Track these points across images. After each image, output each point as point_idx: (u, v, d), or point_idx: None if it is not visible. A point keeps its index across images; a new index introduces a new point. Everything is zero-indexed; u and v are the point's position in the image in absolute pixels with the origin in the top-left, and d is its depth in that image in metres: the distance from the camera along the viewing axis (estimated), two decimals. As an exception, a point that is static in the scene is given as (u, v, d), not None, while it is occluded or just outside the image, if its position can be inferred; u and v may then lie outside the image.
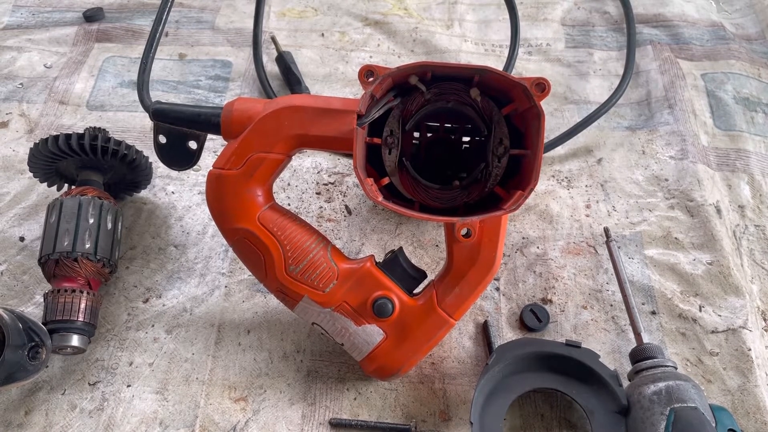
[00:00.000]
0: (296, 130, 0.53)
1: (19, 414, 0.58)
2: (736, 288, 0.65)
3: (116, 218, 0.63)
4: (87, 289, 0.59)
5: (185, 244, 0.69)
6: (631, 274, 0.67)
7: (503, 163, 0.54)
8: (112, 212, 0.63)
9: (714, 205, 0.71)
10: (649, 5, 0.94)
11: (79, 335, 0.58)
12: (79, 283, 0.59)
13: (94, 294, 0.59)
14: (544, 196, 0.74)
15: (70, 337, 0.57)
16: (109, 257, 0.61)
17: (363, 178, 0.49)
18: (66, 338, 0.57)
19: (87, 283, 0.60)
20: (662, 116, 0.80)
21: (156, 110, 0.58)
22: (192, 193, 0.73)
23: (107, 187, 0.67)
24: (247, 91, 0.84)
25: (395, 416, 0.59)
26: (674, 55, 0.87)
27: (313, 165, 0.76)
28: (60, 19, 0.91)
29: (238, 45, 0.88)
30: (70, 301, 0.57)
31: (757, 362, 0.61)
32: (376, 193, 0.50)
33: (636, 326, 0.60)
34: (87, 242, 0.59)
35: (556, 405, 0.59)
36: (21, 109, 0.80)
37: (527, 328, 0.63)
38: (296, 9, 0.94)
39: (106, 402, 0.59)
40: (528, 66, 0.87)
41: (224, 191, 0.54)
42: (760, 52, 0.90)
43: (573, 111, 0.82)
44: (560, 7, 0.95)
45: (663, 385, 0.52)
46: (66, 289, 0.58)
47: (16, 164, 0.75)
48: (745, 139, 0.78)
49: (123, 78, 0.84)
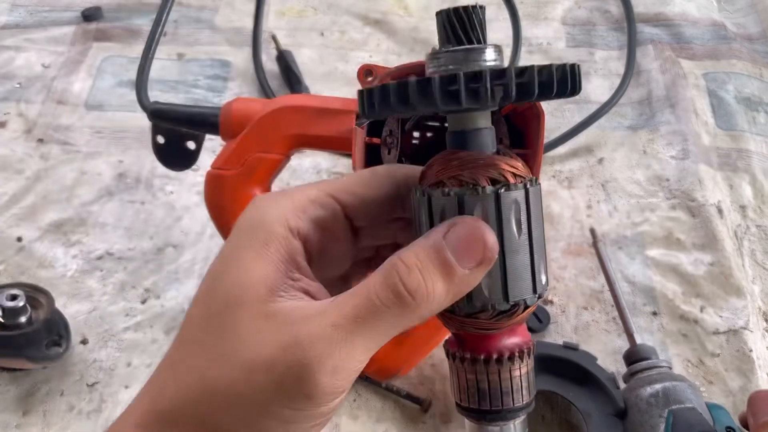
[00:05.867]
0: (295, 129, 0.52)
1: (17, 415, 0.57)
2: (738, 289, 0.65)
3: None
4: None
5: (184, 244, 0.69)
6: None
7: (503, 164, 0.53)
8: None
9: (715, 205, 0.71)
10: (650, 4, 0.94)
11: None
12: None
13: None
14: (545, 196, 0.72)
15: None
16: None
17: (362, 178, 0.49)
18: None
19: None
20: (663, 116, 0.80)
21: (154, 110, 0.58)
22: (190, 193, 0.73)
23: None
24: (246, 90, 0.83)
25: (395, 418, 0.58)
26: (675, 55, 0.86)
27: (313, 165, 0.76)
28: (58, 19, 0.90)
29: (237, 44, 0.88)
30: None
31: (758, 363, 0.61)
32: (375, 194, 0.50)
33: (628, 327, 0.59)
34: None
35: (557, 407, 0.59)
36: (19, 109, 0.80)
37: (528, 329, 0.63)
38: (296, 8, 0.93)
39: (105, 403, 0.58)
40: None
41: (223, 191, 0.54)
42: (761, 51, 0.89)
43: (573, 110, 0.82)
44: (561, 6, 0.94)
45: (660, 387, 0.52)
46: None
47: (14, 164, 0.75)
48: (747, 139, 0.78)
49: (121, 78, 0.84)
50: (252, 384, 0.25)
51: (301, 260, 0.27)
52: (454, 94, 0.24)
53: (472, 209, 0.26)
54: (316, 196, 0.28)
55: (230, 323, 0.26)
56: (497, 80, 0.24)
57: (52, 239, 0.69)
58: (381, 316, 0.25)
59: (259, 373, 0.25)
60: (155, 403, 0.27)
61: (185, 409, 0.26)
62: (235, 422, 0.26)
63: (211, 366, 0.26)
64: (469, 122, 0.28)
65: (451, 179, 0.27)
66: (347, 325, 0.25)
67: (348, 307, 0.25)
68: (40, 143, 0.77)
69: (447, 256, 0.25)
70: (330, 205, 0.29)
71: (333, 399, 0.25)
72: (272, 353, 0.25)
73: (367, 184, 0.29)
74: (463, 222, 0.26)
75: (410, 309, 0.25)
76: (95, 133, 0.78)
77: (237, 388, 0.25)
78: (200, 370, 0.26)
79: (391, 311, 0.25)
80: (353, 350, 0.25)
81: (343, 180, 0.29)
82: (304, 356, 0.24)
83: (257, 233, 0.27)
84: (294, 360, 0.24)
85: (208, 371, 0.26)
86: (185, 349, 0.28)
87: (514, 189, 0.26)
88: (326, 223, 0.28)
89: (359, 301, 0.25)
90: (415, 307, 0.25)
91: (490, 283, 0.26)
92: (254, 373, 0.25)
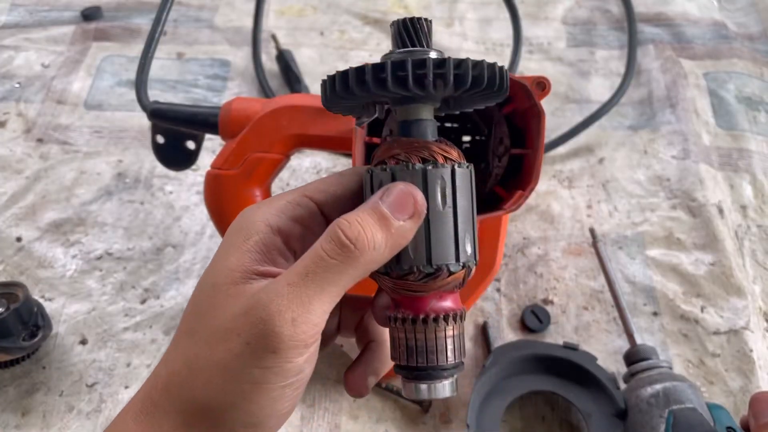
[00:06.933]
0: (295, 129, 0.52)
1: (16, 415, 0.57)
2: (738, 289, 0.65)
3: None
4: None
5: (183, 244, 0.69)
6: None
7: (503, 163, 0.53)
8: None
9: (716, 205, 0.71)
10: (650, 4, 0.94)
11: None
12: None
13: None
14: (545, 196, 0.73)
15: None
16: None
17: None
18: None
19: None
20: (664, 116, 0.80)
21: (154, 110, 0.57)
22: (190, 193, 0.73)
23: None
24: (246, 90, 0.83)
25: (395, 418, 0.58)
26: (676, 54, 0.86)
27: (313, 165, 0.76)
28: (58, 18, 0.90)
29: (237, 44, 0.88)
30: None
31: (759, 363, 0.61)
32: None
33: (628, 327, 0.59)
34: None
35: (557, 407, 0.58)
36: (18, 109, 0.80)
37: (528, 330, 0.63)
38: (295, 7, 0.93)
39: (104, 403, 0.58)
40: (529, 65, 0.87)
41: (222, 191, 0.54)
42: (762, 51, 0.89)
43: (574, 110, 0.82)
44: (561, 6, 0.94)
45: (660, 387, 0.52)
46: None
47: (14, 164, 0.75)
48: (748, 139, 0.78)
49: (121, 77, 0.84)
50: (228, 351, 0.28)
51: (278, 252, 0.31)
52: (402, 78, 0.29)
53: (402, 181, 0.30)
54: (293, 197, 0.32)
55: (209, 306, 0.29)
56: (438, 69, 0.29)
57: (52, 239, 0.69)
58: (329, 268, 0.28)
59: (232, 339, 0.28)
60: (150, 395, 0.30)
61: (173, 393, 0.29)
62: (217, 394, 0.28)
63: (193, 346, 0.29)
64: (413, 114, 0.32)
65: (390, 158, 0.31)
66: (299, 281, 0.28)
67: (299, 266, 0.29)
68: (39, 143, 0.77)
69: (383, 210, 0.29)
70: (306, 204, 0.32)
71: (298, 354, 0.28)
72: (241, 318, 0.28)
73: (337, 183, 0.33)
74: (395, 185, 0.30)
75: (354, 257, 0.28)
76: (94, 133, 0.78)
77: (216, 358, 0.28)
78: (185, 352, 0.30)
79: (337, 261, 0.28)
80: (309, 302, 0.28)
81: (317, 181, 0.33)
82: (266, 313, 0.27)
83: (240, 233, 0.31)
84: (257, 318, 0.27)
85: (190, 351, 0.29)
86: (176, 341, 0.31)
87: (441, 167, 0.30)
88: (304, 220, 0.32)
89: (308, 259, 0.29)
90: (359, 255, 0.28)
91: (416, 247, 0.30)
92: (228, 341, 0.28)
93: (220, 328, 0.28)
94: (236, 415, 0.28)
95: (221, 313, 0.29)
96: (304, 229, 0.32)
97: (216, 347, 0.28)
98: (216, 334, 0.28)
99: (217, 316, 0.29)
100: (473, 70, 0.29)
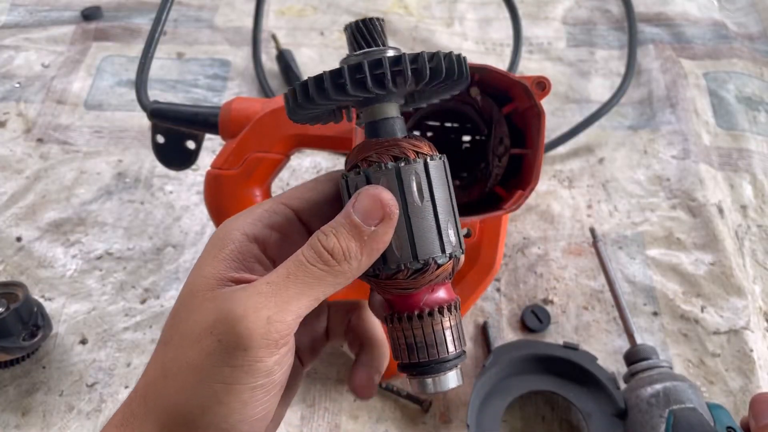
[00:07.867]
0: (295, 129, 0.52)
1: (16, 415, 0.57)
2: (738, 289, 0.65)
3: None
4: None
5: (183, 244, 0.69)
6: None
7: (503, 163, 0.53)
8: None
9: (716, 205, 0.71)
10: (650, 4, 0.94)
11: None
12: None
13: None
14: (545, 196, 0.73)
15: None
16: None
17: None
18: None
19: None
20: (664, 116, 0.80)
21: (154, 110, 0.57)
22: (190, 193, 0.73)
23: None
24: (246, 90, 0.83)
25: (395, 418, 0.58)
26: (676, 54, 0.86)
27: (312, 165, 0.76)
28: (58, 18, 0.90)
29: (237, 44, 0.88)
30: None
31: (759, 363, 0.61)
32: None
33: (628, 327, 0.59)
34: None
35: (557, 407, 0.58)
36: (18, 109, 0.80)
37: (528, 329, 0.63)
38: (295, 7, 0.93)
39: (104, 403, 0.58)
40: (529, 65, 0.87)
41: (222, 191, 0.54)
42: (762, 51, 0.89)
43: (574, 110, 0.82)
44: (561, 6, 0.94)
45: (660, 387, 0.52)
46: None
47: (14, 164, 0.75)
48: (748, 139, 0.78)
49: (121, 77, 0.84)
50: (201, 350, 0.28)
51: (255, 259, 0.31)
52: (361, 81, 0.29)
53: (377, 182, 0.30)
54: (270, 206, 0.32)
55: (186, 313, 0.30)
56: (395, 66, 0.29)
57: (52, 239, 0.69)
58: (309, 272, 0.29)
59: (205, 338, 0.28)
60: (130, 406, 0.30)
61: (150, 402, 0.30)
62: (189, 398, 0.29)
63: (169, 352, 0.30)
64: (378, 113, 0.32)
65: (362, 161, 0.31)
66: (280, 281, 0.29)
67: (282, 269, 0.29)
68: (39, 143, 0.77)
69: (354, 219, 0.29)
70: (283, 211, 0.32)
71: (269, 353, 0.28)
72: (213, 318, 0.29)
73: (313, 189, 0.33)
74: (364, 190, 0.30)
75: (332, 266, 0.29)
76: (94, 133, 0.78)
77: (189, 359, 0.29)
78: (162, 359, 0.30)
79: (317, 268, 0.29)
80: (287, 302, 0.28)
81: (293, 189, 0.34)
82: (242, 309, 0.28)
83: (217, 243, 0.31)
84: (232, 316, 0.28)
85: (166, 357, 0.30)
86: (155, 351, 0.31)
87: (414, 163, 0.30)
88: (281, 227, 0.32)
89: (291, 263, 0.29)
90: (336, 265, 0.29)
91: (400, 245, 0.30)
92: (202, 340, 0.28)
93: (195, 330, 0.29)
94: (209, 419, 0.29)
95: (196, 316, 0.29)
96: (282, 237, 0.32)
97: (190, 349, 0.29)
98: (190, 336, 0.29)
99: (192, 319, 0.29)
100: (430, 63, 0.29)
